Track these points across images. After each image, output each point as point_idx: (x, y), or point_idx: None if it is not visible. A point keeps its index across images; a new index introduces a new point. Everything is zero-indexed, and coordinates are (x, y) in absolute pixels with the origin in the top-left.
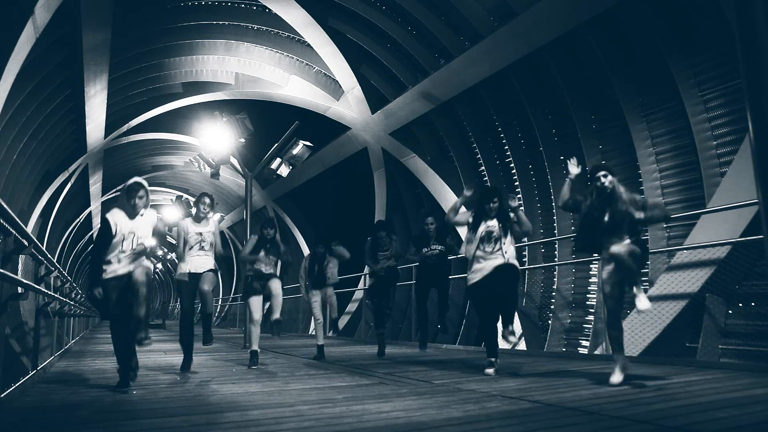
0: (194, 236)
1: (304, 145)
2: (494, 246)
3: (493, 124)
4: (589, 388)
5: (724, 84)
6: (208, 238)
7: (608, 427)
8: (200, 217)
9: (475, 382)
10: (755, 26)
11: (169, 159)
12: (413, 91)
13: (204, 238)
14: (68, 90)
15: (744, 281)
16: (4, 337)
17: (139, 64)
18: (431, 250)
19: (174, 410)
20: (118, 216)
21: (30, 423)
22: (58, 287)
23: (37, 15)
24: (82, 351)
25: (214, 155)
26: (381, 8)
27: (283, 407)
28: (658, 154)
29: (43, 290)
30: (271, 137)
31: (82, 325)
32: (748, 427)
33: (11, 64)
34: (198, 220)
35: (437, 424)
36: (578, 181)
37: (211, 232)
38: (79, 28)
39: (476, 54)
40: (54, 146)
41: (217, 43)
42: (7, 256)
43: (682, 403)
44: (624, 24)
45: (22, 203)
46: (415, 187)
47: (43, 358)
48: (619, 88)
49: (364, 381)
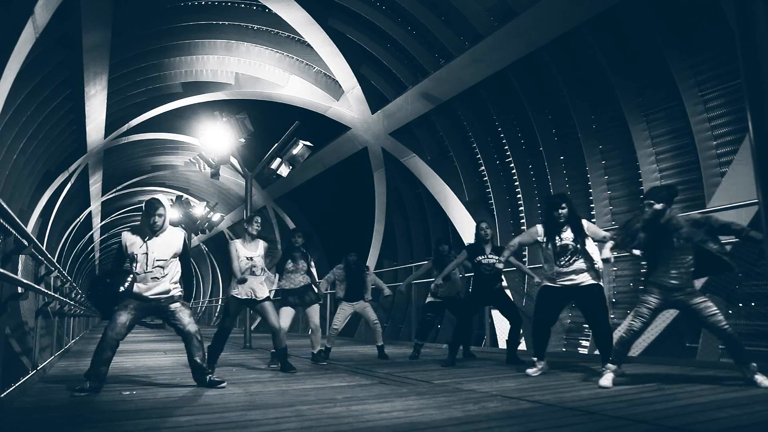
0: (245, 261)
1: (304, 145)
2: (572, 258)
3: (493, 124)
4: (589, 388)
5: (724, 84)
6: (259, 263)
7: (608, 427)
8: (252, 236)
9: (475, 382)
10: (755, 26)
11: (169, 159)
12: (413, 91)
13: (255, 263)
14: (68, 90)
15: (744, 281)
16: (4, 337)
17: (139, 64)
18: (488, 258)
19: (174, 410)
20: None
21: (30, 423)
22: (58, 287)
23: (37, 15)
24: (82, 351)
25: (214, 155)
26: (381, 8)
27: (283, 407)
28: (658, 154)
29: (43, 290)
30: (271, 137)
31: (82, 325)
32: (747, 427)
33: (11, 64)
34: (250, 240)
35: (437, 424)
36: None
37: (261, 257)
38: (79, 28)
39: (476, 54)
40: (54, 146)
41: (217, 43)
42: (7, 256)
43: (682, 403)
44: (624, 24)
45: (22, 203)
46: (415, 187)
47: (43, 358)
48: (619, 88)
49: (364, 381)
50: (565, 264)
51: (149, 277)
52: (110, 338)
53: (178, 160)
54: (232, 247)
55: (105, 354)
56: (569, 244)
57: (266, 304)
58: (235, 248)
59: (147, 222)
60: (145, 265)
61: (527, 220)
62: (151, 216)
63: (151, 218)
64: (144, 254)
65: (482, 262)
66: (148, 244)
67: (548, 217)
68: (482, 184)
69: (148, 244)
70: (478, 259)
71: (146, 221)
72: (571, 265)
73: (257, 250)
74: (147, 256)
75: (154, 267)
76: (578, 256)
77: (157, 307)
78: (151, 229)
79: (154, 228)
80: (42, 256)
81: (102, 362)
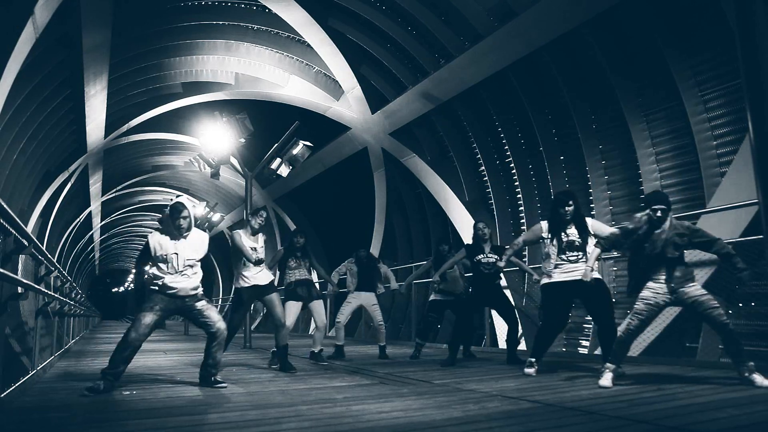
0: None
1: (304, 145)
2: (578, 254)
3: (493, 124)
4: (589, 388)
5: (724, 84)
6: (262, 253)
7: (608, 427)
8: (255, 230)
9: (475, 382)
10: (755, 26)
11: (169, 159)
12: (413, 91)
13: (259, 254)
14: (68, 90)
15: (744, 281)
16: (4, 337)
17: (139, 64)
18: (487, 257)
19: (174, 410)
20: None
21: (30, 423)
22: (58, 287)
23: (37, 15)
24: (82, 351)
25: (214, 155)
26: (381, 8)
27: (283, 407)
28: (658, 154)
29: (43, 290)
30: (271, 137)
31: (82, 325)
32: (747, 427)
33: (11, 64)
34: (253, 233)
35: (437, 424)
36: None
37: (263, 248)
38: (79, 28)
39: (476, 54)
40: (54, 146)
41: (217, 43)
42: (7, 256)
43: (682, 403)
44: (624, 24)
45: (22, 203)
46: (415, 187)
47: (43, 358)
48: (619, 88)
49: (364, 381)
50: (572, 259)
51: (179, 275)
52: (133, 339)
53: (178, 160)
54: (237, 235)
55: (126, 353)
56: (576, 240)
57: (273, 296)
58: (239, 236)
59: (174, 224)
60: (176, 265)
61: (527, 220)
62: (176, 219)
63: (177, 221)
64: (174, 254)
65: (482, 261)
66: (177, 245)
67: (554, 214)
68: (482, 184)
69: (177, 245)
70: (477, 258)
71: (173, 224)
72: (577, 260)
73: (259, 242)
74: (177, 256)
75: (185, 266)
76: (582, 252)
77: (183, 306)
78: (178, 231)
79: (181, 230)
80: (42, 256)
81: (122, 361)
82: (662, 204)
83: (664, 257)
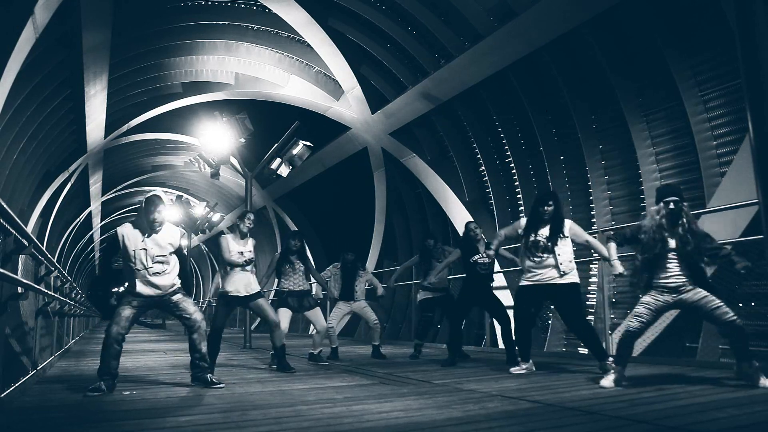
0: (236, 255)
1: (304, 145)
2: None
3: (493, 124)
4: (589, 388)
5: (724, 84)
6: (250, 257)
7: (608, 427)
8: (244, 233)
9: (475, 382)
10: (755, 26)
11: (169, 159)
12: (413, 91)
13: (246, 258)
14: (68, 90)
15: (744, 281)
16: (4, 337)
17: (139, 64)
18: (482, 257)
19: (174, 410)
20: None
21: (30, 423)
22: (58, 287)
23: (37, 15)
24: (82, 351)
25: (214, 155)
26: (381, 8)
27: (283, 407)
28: (658, 154)
29: (43, 290)
30: (271, 137)
31: (82, 325)
32: (747, 427)
33: (11, 64)
34: (241, 237)
35: (437, 424)
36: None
37: (251, 252)
38: (79, 28)
39: (476, 54)
40: (54, 146)
41: (217, 43)
42: (7, 256)
43: (682, 403)
44: (624, 24)
45: (22, 203)
46: (415, 187)
47: (43, 358)
48: (619, 88)
49: (364, 381)
50: (536, 260)
51: (150, 272)
52: (115, 333)
53: (178, 160)
54: (223, 240)
55: (112, 349)
56: (540, 241)
57: (261, 301)
58: (227, 242)
59: (148, 218)
60: (144, 262)
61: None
62: (151, 212)
63: (151, 214)
64: (143, 250)
65: (478, 262)
66: (146, 240)
67: (533, 212)
68: (482, 184)
69: (146, 241)
70: (474, 259)
71: (146, 217)
72: (542, 261)
73: (247, 246)
74: (146, 252)
75: (154, 263)
76: (549, 254)
77: (160, 300)
78: (150, 226)
79: (153, 225)
80: (42, 256)
81: (111, 356)
82: (674, 195)
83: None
